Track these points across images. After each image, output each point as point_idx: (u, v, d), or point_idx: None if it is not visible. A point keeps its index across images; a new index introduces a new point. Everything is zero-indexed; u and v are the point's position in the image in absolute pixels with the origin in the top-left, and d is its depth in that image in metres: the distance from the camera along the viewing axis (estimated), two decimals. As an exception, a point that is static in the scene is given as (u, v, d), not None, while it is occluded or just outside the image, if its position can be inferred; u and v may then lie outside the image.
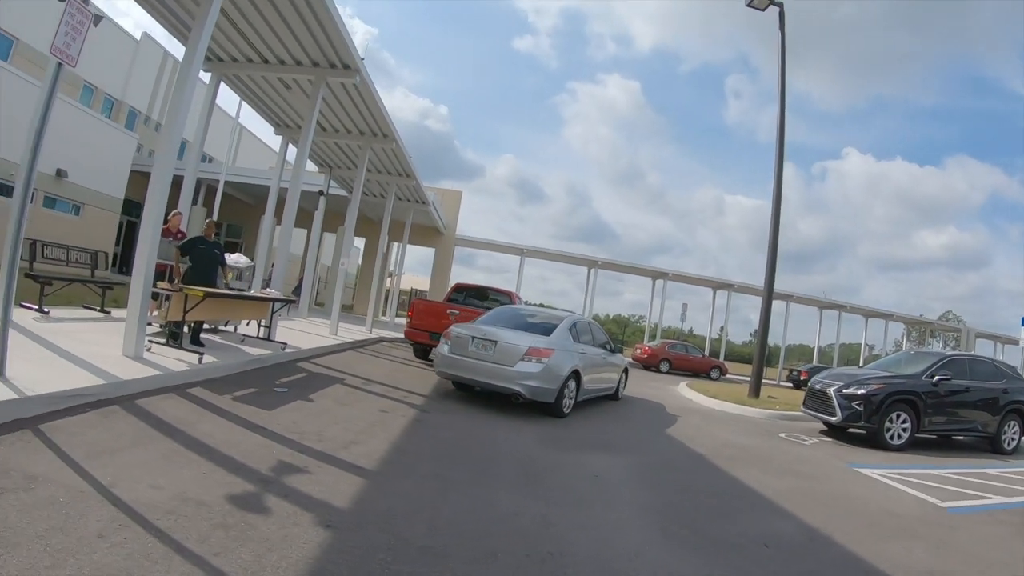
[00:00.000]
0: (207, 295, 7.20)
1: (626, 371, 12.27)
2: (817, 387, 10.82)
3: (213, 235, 8.64)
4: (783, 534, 4.55)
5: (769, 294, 15.46)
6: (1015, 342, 37.22)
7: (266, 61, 11.66)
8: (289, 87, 12.77)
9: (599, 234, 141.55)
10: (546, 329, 8.94)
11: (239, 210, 30.02)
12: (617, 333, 48.59)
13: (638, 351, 28.15)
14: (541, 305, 40.54)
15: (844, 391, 10.00)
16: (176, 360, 6.97)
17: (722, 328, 37.23)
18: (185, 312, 7.20)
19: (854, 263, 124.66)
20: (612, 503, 4.71)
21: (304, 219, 22.37)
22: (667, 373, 25.32)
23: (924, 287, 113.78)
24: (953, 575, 4.19)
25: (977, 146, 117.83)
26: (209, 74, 12.21)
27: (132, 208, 25.07)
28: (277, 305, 9.87)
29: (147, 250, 6.85)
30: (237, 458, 4.23)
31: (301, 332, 13.13)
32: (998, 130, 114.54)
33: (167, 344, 7.48)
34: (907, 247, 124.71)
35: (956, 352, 11.25)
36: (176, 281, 7.81)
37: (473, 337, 8.39)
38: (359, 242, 33.43)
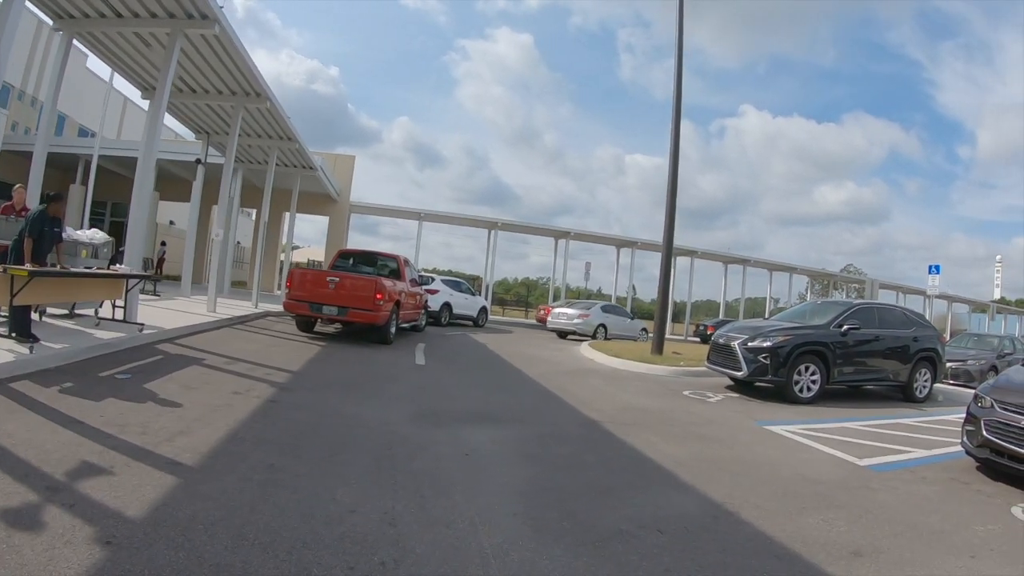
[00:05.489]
0: (32, 274, 6.50)
1: (645, 330, 23.09)
2: (721, 341, 10.45)
3: (61, 213, 7.64)
4: (682, 514, 4.04)
5: (669, 246, 14.78)
6: (919, 292, 39.64)
7: (119, 15, 10.57)
8: (149, 44, 11.66)
9: (500, 197, 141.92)
10: (589, 308, 21.60)
11: (122, 186, 27.92)
12: (525, 295, 48.86)
13: (541, 312, 27.90)
14: (449, 272, 40.51)
15: (749, 344, 9.66)
16: (5, 351, 6.27)
17: (632, 286, 37.91)
18: (12, 295, 6.49)
19: (756, 219, 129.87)
20: (479, 488, 4.15)
21: (187, 190, 21.08)
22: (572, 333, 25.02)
23: (825, 241, 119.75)
24: (882, 553, 3.69)
25: (875, 103, 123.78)
26: (60, 33, 11.06)
27: (3, 190, 22.78)
28: (131, 283, 9.13)
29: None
30: (32, 461, 3.70)
31: (175, 311, 12.34)
32: (895, 89, 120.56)
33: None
34: (808, 203, 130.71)
35: (864, 301, 11.32)
36: (27, 262, 6.98)
37: (560, 311, 21.52)
38: (251, 213, 31.88)
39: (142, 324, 9.04)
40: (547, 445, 5.59)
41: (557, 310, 22.20)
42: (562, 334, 21.26)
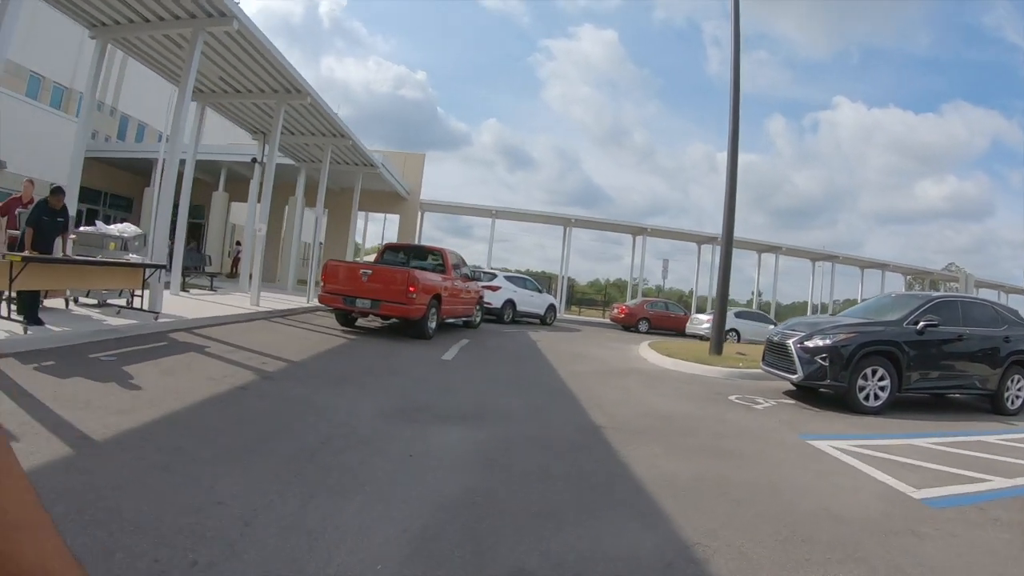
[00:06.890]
0: (26, 260, 6.64)
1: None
2: (775, 339, 9.29)
3: (60, 204, 7.87)
4: (626, 557, 2.99)
5: (728, 240, 13.84)
6: (1021, 291, 35.51)
7: (146, 20, 10.95)
8: (181, 45, 12.00)
9: (592, 198, 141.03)
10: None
11: (197, 189, 29.21)
12: (617, 297, 47.89)
13: (615, 311, 27.13)
14: (542, 272, 40.08)
15: (806, 343, 8.47)
16: (1, 331, 6.52)
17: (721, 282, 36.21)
18: (11, 280, 6.65)
19: (854, 217, 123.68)
20: (390, 496, 3.47)
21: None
22: (647, 332, 23.89)
23: (926, 239, 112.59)
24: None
25: (974, 91, 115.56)
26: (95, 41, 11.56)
27: (86, 195, 24.34)
28: (149, 272, 9.27)
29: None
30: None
31: (215, 304, 12.61)
32: (994, 76, 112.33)
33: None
34: (908, 198, 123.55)
35: (945, 294, 9.63)
36: (27, 250, 7.27)
37: (696, 316, 24.26)
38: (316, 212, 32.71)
39: (157, 312, 9.20)
40: (518, 452, 4.72)
41: (695, 316, 25.20)
42: (703, 339, 21.19)
